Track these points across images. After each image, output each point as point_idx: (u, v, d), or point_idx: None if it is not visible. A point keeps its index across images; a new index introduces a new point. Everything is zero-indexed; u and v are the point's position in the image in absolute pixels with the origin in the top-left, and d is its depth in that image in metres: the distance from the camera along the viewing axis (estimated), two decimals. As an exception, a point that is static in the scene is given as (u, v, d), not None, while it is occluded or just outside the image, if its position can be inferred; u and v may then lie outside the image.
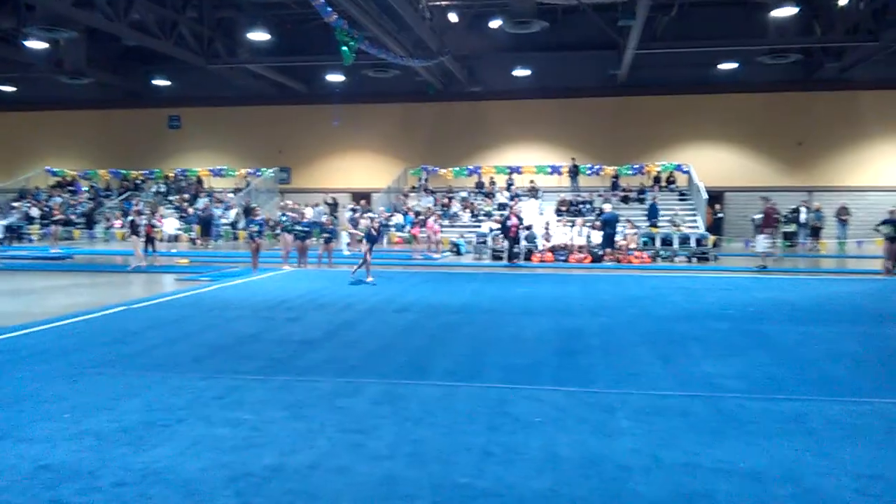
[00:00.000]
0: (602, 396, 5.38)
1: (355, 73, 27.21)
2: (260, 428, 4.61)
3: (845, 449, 4.28)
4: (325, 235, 16.57)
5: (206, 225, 24.46)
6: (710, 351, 7.03)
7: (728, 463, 4.04)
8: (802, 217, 23.30)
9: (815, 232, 23.12)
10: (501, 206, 24.64)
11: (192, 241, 24.37)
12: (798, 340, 7.56)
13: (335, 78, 28.38)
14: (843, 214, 24.01)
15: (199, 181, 30.35)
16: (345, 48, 17.43)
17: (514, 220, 17.63)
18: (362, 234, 13.83)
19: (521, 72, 27.19)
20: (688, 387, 5.67)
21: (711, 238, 19.92)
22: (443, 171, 28.45)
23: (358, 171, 30.29)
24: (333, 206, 26.56)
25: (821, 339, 7.60)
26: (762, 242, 16.51)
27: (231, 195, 28.56)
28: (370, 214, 11.88)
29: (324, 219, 19.39)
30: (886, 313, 9.62)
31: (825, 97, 26.51)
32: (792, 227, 22.95)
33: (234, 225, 26.01)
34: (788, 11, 20.04)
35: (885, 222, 14.53)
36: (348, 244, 19.59)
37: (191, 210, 26.64)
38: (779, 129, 27.09)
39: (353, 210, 25.35)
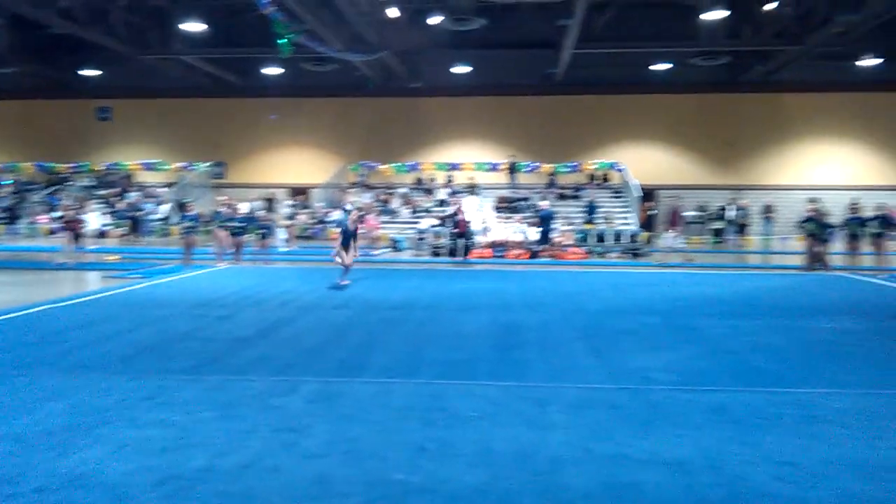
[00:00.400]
0: (536, 390, 5.47)
1: (293, 66, 26.82)
2: (190, 429, 4.51)
3: (766, 437, 4.46)
4: (261, 231, 16.29)
5: (136, 220, 23.72)
6: (640, 344, 7.22)
7: (656, 453, 4.16)
8: (730, 214, 24.13)
9: (742, 229, 23.98)
10: (441, 203, 24.70)
11: (123, 237, 23.62)
12: (724, 333, 7.84)
13: (272, 71, 27.90)
14: (768, 212, 25.01)
15: (129, 175, 29.41)
16: (282, 40, 17.17)
17: (462, 216, 17.69)
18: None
19: (460, 69, 27.29)
20: (619, 380, 5.81)
21: (644, 234, 20.43)
22: (382, 166, 28.35)
23: (296, 166, 29.89)
24: (270, 202, 26.13)
25: (746, 332, 7.89)
26: (669, 239, 17.07)
27: (163, 190, 27.77)
28: (348, 206, 11.36)
29: (260, 214, 19.06)
30: (807, 307, 10.04)
31: (753, 99, 27.50)
32: (720, 224, 23.76)
33: (166, 220, 25.32)
34: (718, 15, 20.69)
35: (807, 220, 15.17)
36: (286, 240, 19.31)
37: (120, 205, 25.79)
38: (709, 128, 27.98)
39: (292, 206, 25.03)
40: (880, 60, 24.67)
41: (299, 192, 28.44)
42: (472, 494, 3.59)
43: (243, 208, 17.00)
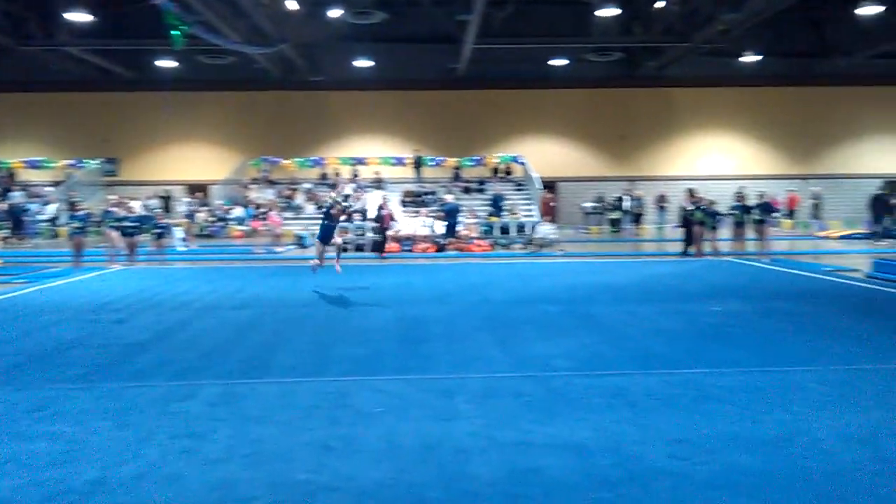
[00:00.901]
0: (442, 382, 5.52)
1: (189, 58, 25.86)
2: (81, 440, 4.29)
3: (660, 417, 4.67)
4: (157, 231, 15.65)
5: (19, 222, 22.28)
6: (543, 333, 7.41)
7: (557, 438, 4.28)
8: (626, 204, 25.08)
9: (637, 218, 24.99)
10: (346, 198, 24.42)
11: (4, 239, 22.12)
12: (622, 319, 8.15)
13: (167, 63, 26.79)
14: (661, 202, 26.20)
15: (12, 174, 27.54)
16: (175, 32, 16.52)
17: (387, 210, 17.62)
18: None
19: (362, 62, 27.08)
20: (522, 368, 5.94)
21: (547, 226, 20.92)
22: (285, 161, 27.75)
23: (194, 162, 28.86)
24: (167, 200, 25.14)
25: (642, 318, 8.23)
26: (543, 229, 17.65)
27: (50, 189, 26.17)
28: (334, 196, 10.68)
29: (155, 213, 18.31)
30: (697, 291, 10.58)
31: (645, 93, 28.67)
32: (617, 214, 24.68)
33: (53, 221, 23.89)
34: (611, 12, 21.42)
35: (696, 208, 15.96)
36: (184, 240, 18.64)
37: (1, 206, 24.13)
38: (605, 122, 28.98)
39: (190, 203, 24.17)
40: (760, 57, 26.21)
41: (198, 189, 27.49)
42: (378, 490, 3.59)
43: (137, 207, 16.26)
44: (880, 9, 21.13)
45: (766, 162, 29.28)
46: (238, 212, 23.97)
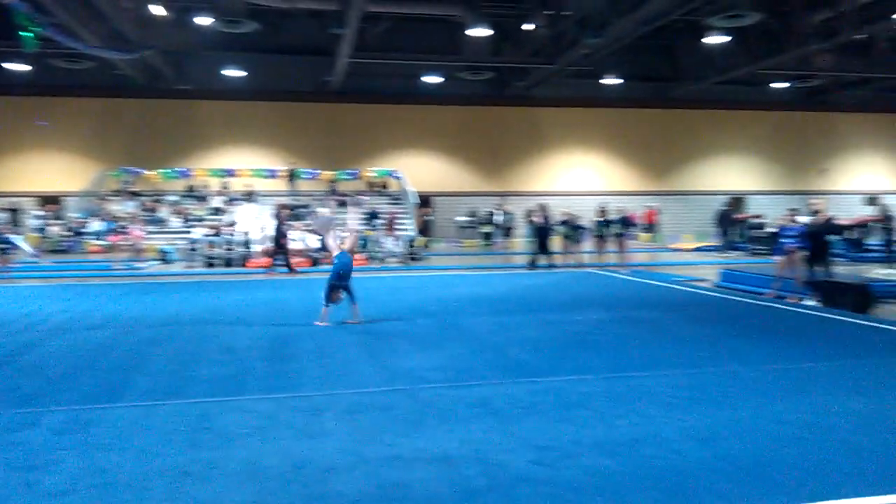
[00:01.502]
0: (311, 400, 5.42)
1: (42, 62, 24.11)
2: None
3: (524, 425, 4.81)
4: (3, 246, 14.43)
5: None
6: (414, 345, 7.45)
7: (425, 451, 4.30)
8: (497, 219, 25.77)
9: (508, 231, 25.74)
10: (216, 211, 23.60)
11: None
12: (491, 330, 8.35)
13: (17, 67, 24.84)
14: (530, 216, 27.04)
15: None
16: (26, 33, 15.35)
17: (285, 226, 17.05)
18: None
19: (234, 72, 26.31)
20: (393, 382, 5.94)
21: (422, 240, 21.13)
22: (149, 172, 26.40)
23: (47, 172, 26.87)
24: (14, 213, 23.23)
25: (509, 328, 8.47)
26: (388, 244, 18.02)
27: None
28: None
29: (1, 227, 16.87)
30: (562, 301, 11.02)
31: (514, 112, 29.69)
32: (488, 228, 25.31)
33: None
34: (482, 32, 22.01)
35: (562, 223, 16.66)
36: (34, 255, 17.28)
37: None
38: (478, 139, 29.72)
39: (42, 216, 22.52)
40: (621, 80, 27.81)
41: (51, 201, 25.60)
42: (239, 514, 3.47)
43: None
44: (726, 39, 23.00)
45: (626, 179, 31.02)
46: (96, 225, 22.53)
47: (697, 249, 23.45)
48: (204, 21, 21.73)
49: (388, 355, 6.99)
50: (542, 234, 16.65)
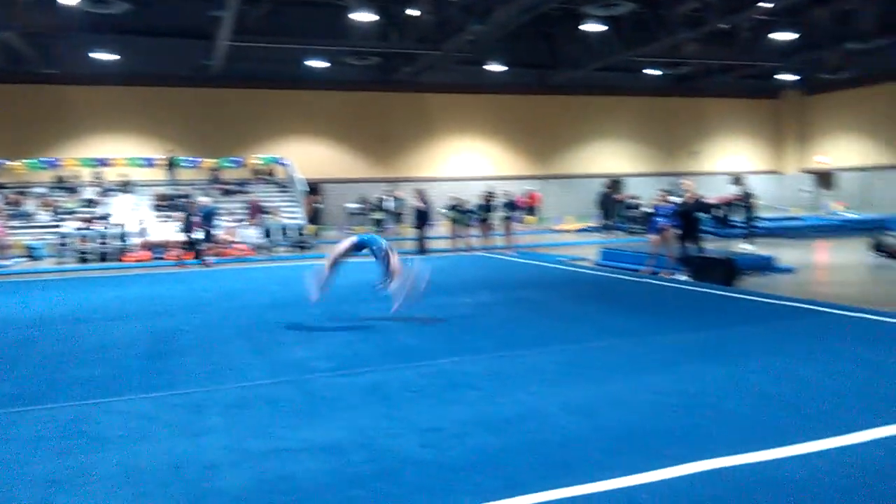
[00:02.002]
0: (192, 396, 5.23)
1: None
2: None
3: (413, 409, 4.85)
4: None
5: None
6: (302, 335, 7.36)
7: (312, 441, 4.25)
8: (388, 205, 25.71)
9: (399, 218, 25.73)
10: (89, 203, 22.23)
11: None
12: (380, 316, 8.33)
13: None
14: (422, 200, 27.20)
15: None
16: None
17: (198, 217, 16.25)
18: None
19: (106, 55, 24.76)
20: (280, 374, 5.83)
21: (311, 228, 20.80)
22: (12, 163, 24.47)
23: None
24: None
25: (398, 313, 8.45)
26: (248, 233, 17.79)
27: None
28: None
29: None
30: (452, 284, 11.15)
31: (402, 97, 29.63)
32: (379, 215, 25.20)
33: None
34: (368, 17, 21.77)
35: (450, 207, 16.85)
36: None
37: None
38: (366, 124, 29.47)
39: None
40: (505, 67, 28.31)
41: None
42: (114, 519, 3.31)
43: None
44: (602, 27, 23.86)
45: (511, 163, 31.70)
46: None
47: (579, 230, 24.36)
48: (70, 1, 20.29)
49: (275, 347, 6.86)
50: (421, 218, 16.75)
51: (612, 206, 23.62)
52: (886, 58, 27.65)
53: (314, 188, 26.97)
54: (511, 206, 17.38)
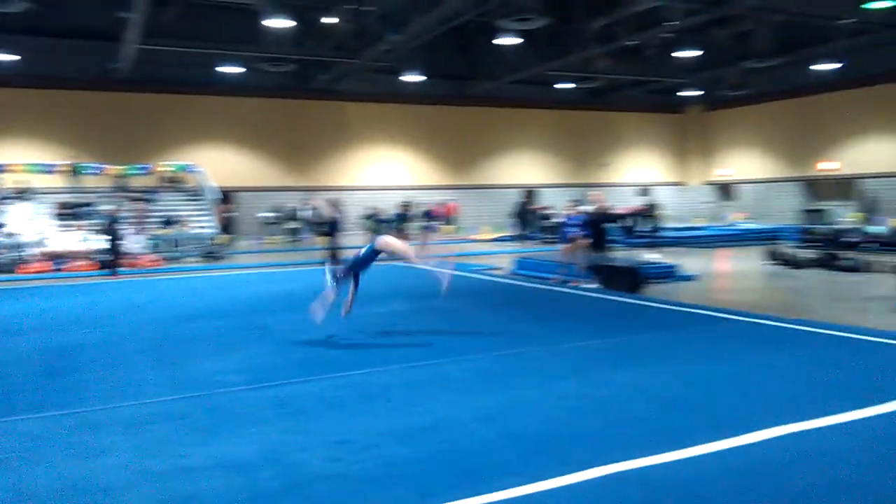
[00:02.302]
0: (91, 415, 4.99)
1: None
2: None
3: (323, 421, 4.78)
4: None
5: None
6: (212, 348, 7.14)
7: (218, 458, 4.13)
8: (304, 214, 25.39)
9: (314, 227, 25.44)
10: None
11: None
12: (294, 328, 8.20)
13: None
14: (338, 209, 26.97)
15: None
16: None
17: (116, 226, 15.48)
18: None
19: (4, 56, 23.38)
20: (186, 389, 5.64)
21: (224, 237, 20.27)
22: None
23: None
24: None
25: (313, 324, 8.34)
26: (132, 243, 17.34)
27: None
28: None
29: None
30: (366, 295, 11.02)
31: (319, 105, 29.29)
32: (295, 224, 24.88)
33: None
34: (283, 23, 21.43)
35: (368, 217, 16.78)
36: None
37: None
38: (282, 132, 28.96)
39: None
40: (422, 77, 28.44)
41: None
42: (-1, 549, 3.12)
43: None
44: (517, 40, 24.33)
45: (429, 173, 31.82)
46: None
47: (493, 240, 24.71)
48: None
49: (182, 361, 6.63)
50: (333, 228, 16.60)
51: (527, 216, 24.06)
52: (781, 76, 29.41)
53: (227, 197, 26.33)
54: (428, 215, 17.44)
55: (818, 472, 3.77)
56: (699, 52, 26.71)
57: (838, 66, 26.12)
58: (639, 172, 36.35)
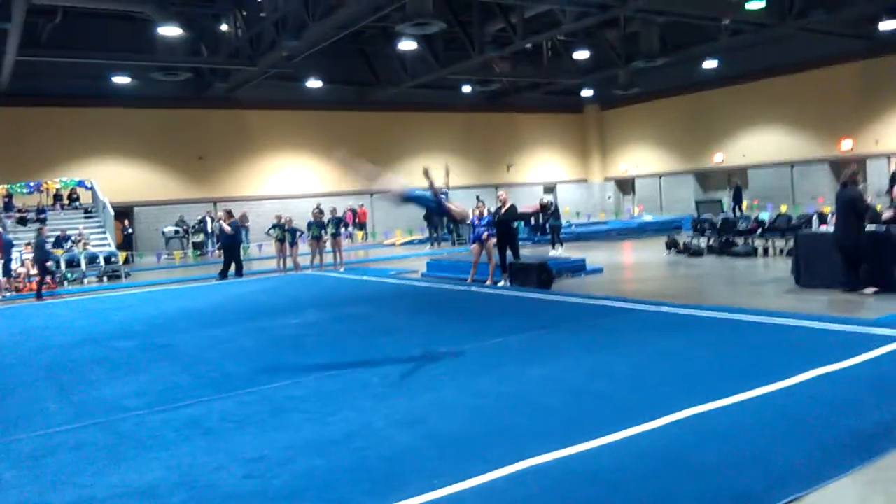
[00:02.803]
0: (-20, 452, 4.66)
1: None
2: None
3: (235, 439, 4.63)
4: None
5: None
6: (113, 372, 6.80)
7: (124, 486, 3.93)
8: (210, 226, 24.63)
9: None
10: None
11: None
12: (200, 345, 7.94)
13: None
14: (244, 221, 26.31)
15: None
16: None
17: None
18: None
19: None
20: (86, 417, 5.34)
21: (122, 254, 19.40)
22: None
23: None
24: None
25: (221, 340, 8.13)
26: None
27: None
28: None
29: None
30: (279, 306, 10.88)
31: (218, 114, 28.49)
32: (200, 237, 24.08)
33: None
34: (174, 31, 20.72)
35: (274, 226, 16.44)
36: None
37: None
38: (179, 143, 27.97)
39: None
40: (321, 84, 28.15)
41: None
42: None
43: None
44: (416, 45, 24.45)
45: (337, 180, 31.41)
46: None
47: (403, 244, 24.74)
48: None
49: (81, 387, 6.28)
50: (229, 241, 16.16)
51: (438, 218, 24.19)
52: (668, 75, 30.84)
53: (125, 212, 25.23)
54: (339, 222, 17.27)
55: (725, 448, 3.95)
56: (591, 54, 27.69)
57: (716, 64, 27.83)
58: (543, 171, 37.22)
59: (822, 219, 12.07)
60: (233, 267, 15.85)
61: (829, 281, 9.44)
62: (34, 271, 16.81)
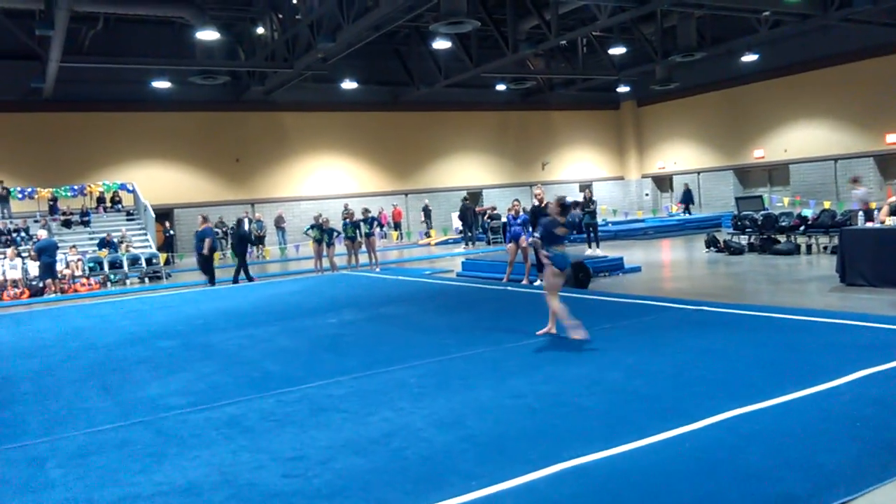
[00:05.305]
0: (30, 449, 4.79)
1: None
2: None
3: (275, 438, 4.68)
4: None
5: None
6: (156, 372, 6.93)
7: (167, 484, 4.01)
8: (247, 227, 24.92)
9: (260, 240, 25.06)
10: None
11: None
12: (240, 344, 8.04)
13: None
14: (280, 222, 26.75)
15: None
16: None
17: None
18: None
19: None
20: (130, 415, 5.46)
21: (163, 256, 19.76)
22: None
23: None
24: None
25: (260, 340, 8.22)
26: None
27: None
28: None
29: None
30: (316, 306, 10.97)
31: (255, 116, 28.86)
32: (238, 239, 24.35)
33: None
34: (212, 35, 21.05)
35: (312, 227, 16.58)
36: None
37: None
38: (217, 146, 28.40)
39: None
40: (359, 85, 28.33)
41: None
42: None
43: None
44: (450, 45, 24.45)
45: (372, 180, 31.68)
46: None
47: (438, 243, 24.75)
48: None
49: (125, 386, 6.42)
50: (242, 243, 16.34)
51: (473, 217, 24.19)
52: (706, 69, 30.32)
53: (166, 214, 25.71)
54: (373, 222, 17.35)
55: (768, 451, 3.86)
56: (627, 49, 27.35)
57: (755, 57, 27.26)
58: (579, 169, 36.91)
59: (868, 215, 11.74)
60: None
61: (874, 279, 9.18)
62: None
